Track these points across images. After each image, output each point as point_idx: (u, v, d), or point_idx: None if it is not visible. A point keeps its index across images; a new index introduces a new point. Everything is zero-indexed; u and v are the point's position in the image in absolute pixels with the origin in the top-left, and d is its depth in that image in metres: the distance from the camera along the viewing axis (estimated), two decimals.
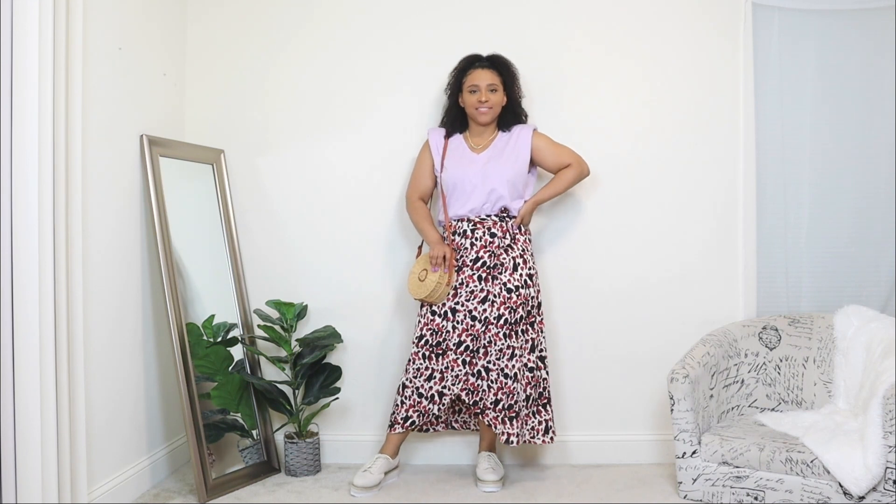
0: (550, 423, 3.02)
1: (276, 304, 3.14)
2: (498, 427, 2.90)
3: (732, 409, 3.08)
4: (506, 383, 2.90)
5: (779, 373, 3.12)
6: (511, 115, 3.08)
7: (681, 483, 2.84)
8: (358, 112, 3.30)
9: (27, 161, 2.32)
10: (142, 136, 2.92)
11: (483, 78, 2.99)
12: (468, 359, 2.92)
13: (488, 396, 2.90)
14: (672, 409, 2.83)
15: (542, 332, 3.03)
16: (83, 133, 2.53)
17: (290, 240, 3.32)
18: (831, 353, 3.06)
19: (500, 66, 3.03)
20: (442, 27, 3.27)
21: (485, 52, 3.10)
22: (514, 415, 2.90)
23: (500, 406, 2.90)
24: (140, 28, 2.95)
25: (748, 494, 2.73)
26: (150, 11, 3.04)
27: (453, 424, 3.17)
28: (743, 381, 3.10)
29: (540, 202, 3.07)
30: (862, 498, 2.58)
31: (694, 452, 2.81)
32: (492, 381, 2.90)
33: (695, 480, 2.81)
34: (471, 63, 3.04)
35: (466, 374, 2.91)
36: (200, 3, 3.33)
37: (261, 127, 3.32)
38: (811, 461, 2.62)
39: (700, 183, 3.28)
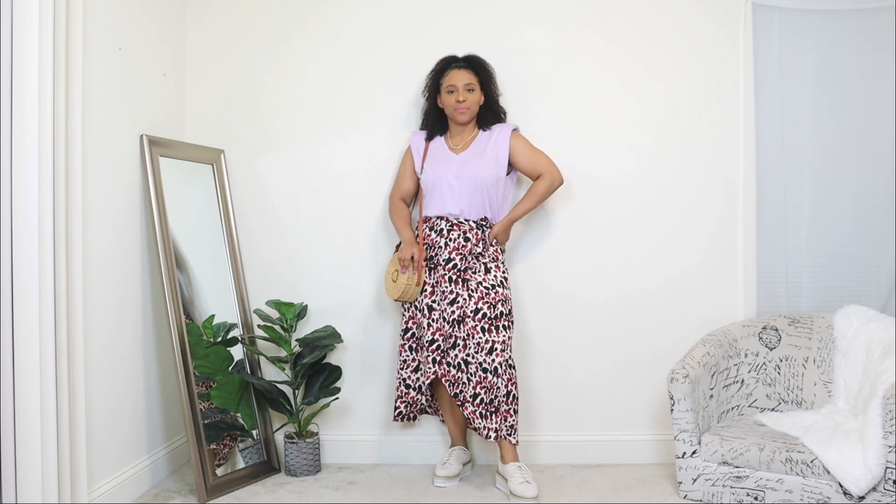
0: (516, 426, 2.96)
1: (276, 304, 3.14)
2: (476, 421, 2.89)
3: (732, 409, 3.08)
4: (485, 377, 2.89)
5: (779, 373, 3.12)
6: (490, 113, 3.11)
7: (681, 483, 2.84)
8: (358, 112, 3.30)
9: (27, 161, 2.32)
10: (142, 136, 2.92)
11: (460, 78, 3.02)
12: (438, 357, 2.96)
13: (468, 389, 2.91)
14: (672, 409, 2.83)
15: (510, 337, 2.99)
16: (83, 133, 2.53)
17: (290, 240, 3.32)
18: (831, 353, 3.06)
19: (476, 66, 3.06)
20: (442, 27, 3.27)
21: (485, 52, 3.11)
22: (494, 409, 2.90)
23: (478, 400, 2.90)
24: (140, 28, 2.95)
25: (748, 494, 2.73)
26: (150, 11, 3.04)
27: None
28: (743, 381, 3.10)
29: (514, 220, 3.06)
30: (862, 498, 2.58)
31: (694, 452, 2.81)
32: (471, 375, 2.91)
33: (695, 480, 2.81)
34: (447, 64, 3.07)
35: (434, 371, 2.95)
36: (200, 3, 3.33)
37: (261, 127, 3.32)
38: (811, 461, 2.62)
39: (700, 183, 3.28)
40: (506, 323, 2.96)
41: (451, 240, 2.99)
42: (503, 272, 3.02)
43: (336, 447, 3.30)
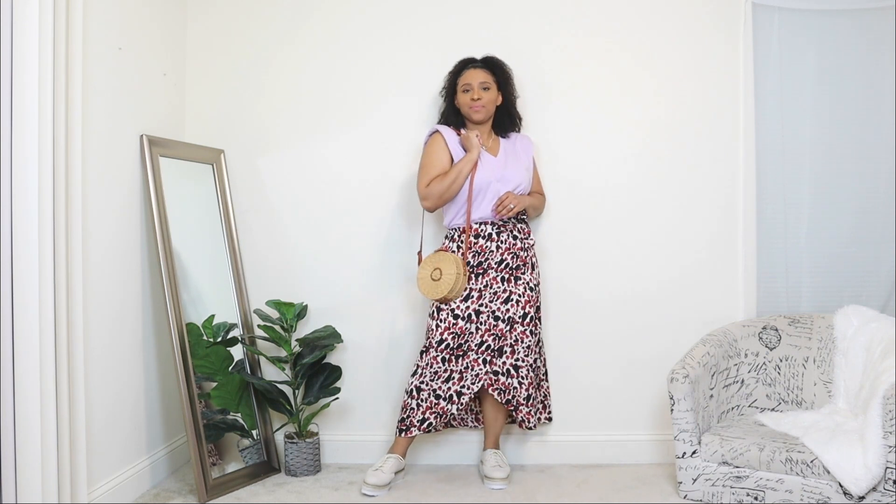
0: (548, 403, 3.19)
1: (276, 304, 3.14)
2: (531, 420, 3.01)
3: (732, 409, 3.08)
4: (536, 378, 3.02)
5: (779, 373, 3.12)
6: (507, 117, 3.11)
7: (681, 483, 2.84)
8: (358, 112, 3.30)
9: (27, 161, 2.32)
10: (142, 136, 2.92)
11: (475, 77, 3.02)
12: (488, 357, 2.97)
13: (521, 393, 2.97)
14: (672, 409, 2.83)
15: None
16: (83, 133, 2.53)
17: (290, 240, 3.32)
18: (831, 353, 3.06)
19: (493, 67, 3.06)
20: (440, 26, 3.27)
21: (481, 52, 3.12)
22: (539, 406, 3.06)
23: (532, 401, 3.00)
24: (140, 28, 2.95)
25: (748, 494, 2.73)
26: (150, 11, 3.04)
27: (451, 422, 3.19)
28: (743, 381, 3.10)
29: (529, 206, 3.09)
30: (862, 498, 2.58)
31: (694, 452, 2.81)
32: (522, 378, 2.97)
33: (695, 480, 2.81)
34: (465, 65, 3.08)
35: (487, 372, 2.97)
36: (200, 3, 3.33)
37: (261, 127, 3.32)
38: (811, 461, 2.62)
39: (700, 183, 3.28)
40: (538, 320, 3.08)
41: (501, 241, 3.00)
42: (538, 266, 3.12)
43: (336, 447, 3.30)
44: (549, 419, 3.20)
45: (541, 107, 3.26)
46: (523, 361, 2.97)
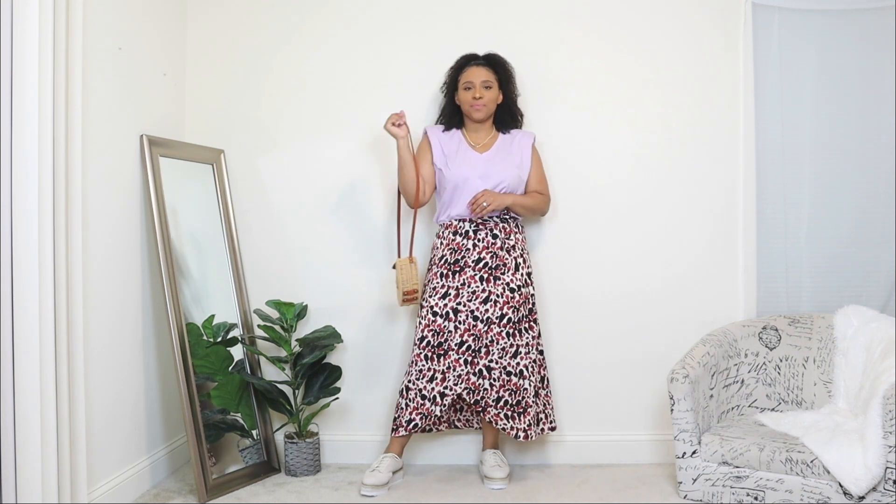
0: (549, 412, 3.09)
1: (276, 304, 3.14)
2: (500, 423, 2.93)
3: (732, 409, 3.08)
4: (509, 380, 2.93)
5: (779, 373, 3.12)
6: (507, 114, 3.11)
7: (681, 483, 2.84)
8: (358, 112, 3.30)
9: (27, 162, 2.32)
10: (142, 136, 2.92)
11: (478, 75, 3.02)
12: (469, 358, 2.94)
13: (490, 394, 2.93)
14: (672, 409, 2.83)
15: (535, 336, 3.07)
16: (83, 133, 2.53)
17: (290, 240, 3.32)
18: (831, 353, 3.06)
19: (495, 65, 3.06)
20: (441, 27, 3.28)
21: (483, 50, 3.12)
22: (521, 410, 2.94)
23: (501, 403, 2.93)
24: (140, 28, 2.95)
25: (748, 494, 2.73)
26: (150, 11, 3.04)
27: (456, 423, 3.19)
28: (743, 381, 3.10)
29: (510, 203, 2.99)
30: (862, 498, 2.58)
31: (694, 452, 2.81)
32: (494, 380, 2.92)
33: (695, 480, 2.81)
34: (467, 61, 3.07)
35: (468, 373, 2.93)
36: (200, 3, 3.33)
37: (261, 127, 3.32)
38: (811, 461, 2.62)
39: (700, 183, 3.29)
40: (528, 324, 3.01)
41: (479, 240, 2.98)
42: (528, 265, 3.05)
43: (336, 447, 3.30)
44: (553, 428, 3.10)
45: (541, 106, 3.26)
46: (496, 364, 2.93)
